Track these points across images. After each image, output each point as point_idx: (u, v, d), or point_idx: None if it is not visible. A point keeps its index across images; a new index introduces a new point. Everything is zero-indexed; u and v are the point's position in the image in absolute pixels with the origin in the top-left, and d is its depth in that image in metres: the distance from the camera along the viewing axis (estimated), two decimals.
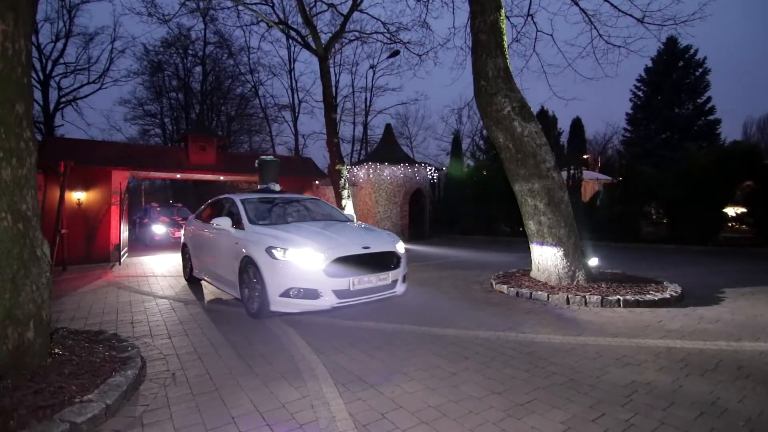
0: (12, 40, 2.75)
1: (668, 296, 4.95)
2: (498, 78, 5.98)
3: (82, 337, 3.52)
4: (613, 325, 4.10)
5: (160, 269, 8.47)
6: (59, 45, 25.86)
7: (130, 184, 12.61)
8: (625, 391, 2.66)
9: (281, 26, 13.63)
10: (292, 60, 29.83)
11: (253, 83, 30.67)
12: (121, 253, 9.66)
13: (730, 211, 12.40)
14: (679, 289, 5.24)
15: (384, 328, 4.10)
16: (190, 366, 3.18)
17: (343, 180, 11.88)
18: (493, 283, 6.03)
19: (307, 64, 46.72)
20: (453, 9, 10.14)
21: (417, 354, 3.36)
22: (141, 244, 14.55)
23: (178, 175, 12.39)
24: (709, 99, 26.53)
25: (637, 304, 4.79)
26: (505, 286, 5.69)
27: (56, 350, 3.04)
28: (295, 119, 31.03)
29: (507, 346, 3.54)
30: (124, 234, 10.25)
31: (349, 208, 11.98)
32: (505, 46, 6.22)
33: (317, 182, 14.27)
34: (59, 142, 11.62)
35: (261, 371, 3.04)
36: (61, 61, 26.39)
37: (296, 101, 30.93)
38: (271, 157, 7.14)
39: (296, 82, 30.34)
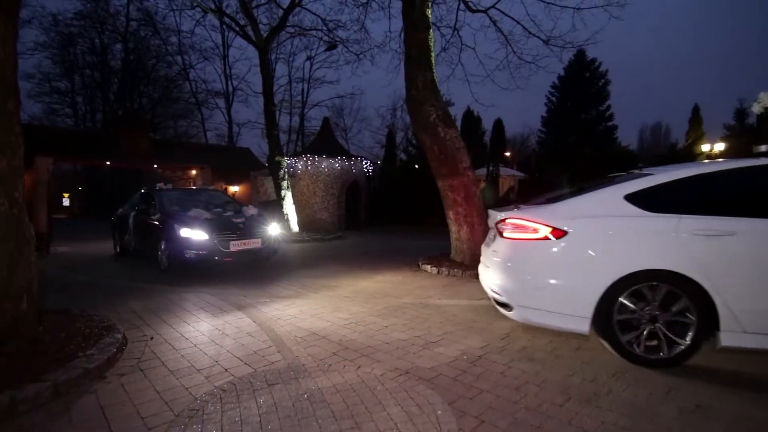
0: (3, 44, 3.08)
1: None
2: (426, 89, 6.96)
3: (56, 315, 3.88)
4: None
5: None
6: None
7: (50, 170, 11.91)
8: (505, 332, 3.73)
9: (218, 15, 13.58)
10: (226, 45, 28.96)
11: (182, 65, 29.27)
12: (49, 243, 9.35)
13: None
14: None
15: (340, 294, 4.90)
16: (164, 331, 3.73)
17: (282, 171, 12.34)
18: (420, 264, 7.08)
19: (242, 50, 44.94)
20: (389, 15, 11.00)
21: (359, 315, 4.21)
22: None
23: (108, 163, 12.00)
24: (609, 107, 30.40)
25: None
26: (429, 266, 6.74)
27: (43, 322, 3.44)
28: (228, 107, 30.21)
29: (428, 308, 4.52)
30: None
31: (288, 199, 12.49)
32: (433, 61, 7.22)
33: (254, 173, 14.50)
34: None
35: (230, 333, 3.70)
36: None
37: (230, 88, 30.07)
38: None
39: (230, 68, 29.47)
